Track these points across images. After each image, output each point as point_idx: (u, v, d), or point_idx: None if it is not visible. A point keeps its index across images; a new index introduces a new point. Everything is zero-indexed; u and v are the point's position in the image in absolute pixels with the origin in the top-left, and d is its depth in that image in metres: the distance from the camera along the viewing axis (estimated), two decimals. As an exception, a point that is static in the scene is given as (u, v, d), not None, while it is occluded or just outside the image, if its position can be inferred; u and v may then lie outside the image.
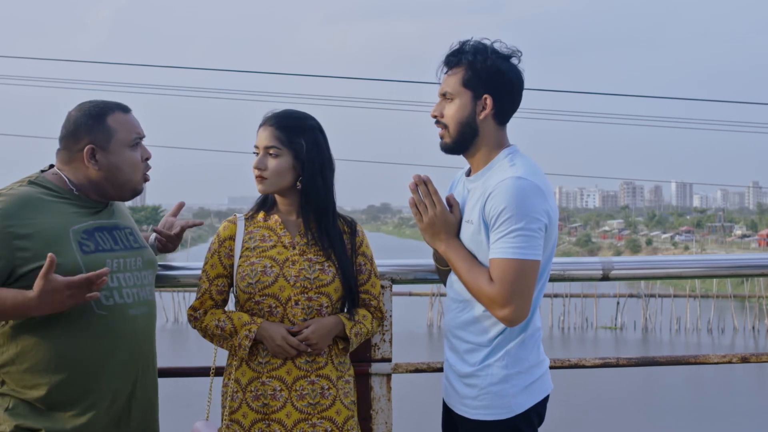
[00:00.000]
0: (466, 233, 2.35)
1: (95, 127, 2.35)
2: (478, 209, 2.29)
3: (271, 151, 2.45)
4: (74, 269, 2.23)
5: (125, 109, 2.43)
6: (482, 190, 2.31)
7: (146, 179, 2.46)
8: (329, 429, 2.41)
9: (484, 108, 2.32)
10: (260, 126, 2.50)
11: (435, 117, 2.38)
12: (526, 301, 2.22)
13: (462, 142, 2.36)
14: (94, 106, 2.39)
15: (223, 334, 2.45)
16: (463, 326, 2.39)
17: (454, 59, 2.35)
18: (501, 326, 2.31)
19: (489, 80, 2.30)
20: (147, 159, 2.44)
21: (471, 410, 2.34)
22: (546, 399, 2.38)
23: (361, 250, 2.56)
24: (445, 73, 2.37)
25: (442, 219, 2.35)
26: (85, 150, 2.34)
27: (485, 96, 2.31)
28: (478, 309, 2.34)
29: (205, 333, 2.50)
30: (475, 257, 2.32)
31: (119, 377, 2.33)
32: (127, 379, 2.36)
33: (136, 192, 2.44)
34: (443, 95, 2.37)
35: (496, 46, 2.34)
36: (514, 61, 2.34)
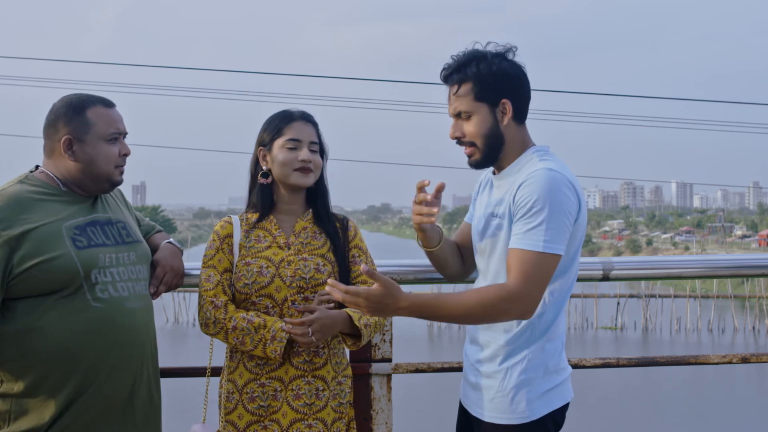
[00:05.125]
0: (491, 227, 2.31)
1: (74, 119, 2.34)
2: (507, 202, 2.25)
3: (313, 147, 2.52)
4: (70, 265, 2.24)
5: (108, 104, 2.41)
6: (511, 182, 2.27)
7: (120, 173, 2.43)
8: (322, 430, 2.41)
9: (504, 113, 2.27)
10: (296, 120, 2.52)
11: (456, 138, 2.32)
12: (539, 295, 2.16)
13: (492, 154, 2.30)
14: (76, 98, 2.38)
15: (250, 326, 2.38)
16: (482, 327, 2.34)
17: (457, 76, 2.28)
18: (521, 328, 2.25)
19: (501, 85, 2.26)
20: (125, 155, 2.42)
21: (486, 412, 2.29)
22: (565, 407, 2.32)
23: (355, 243, 2.57)
24: (454, 93, 2.29)
25: (375, 296, 2.09)
26: (62, 140, 2.34)
27: (503, 101, 2.26)
28: None
29: (226, 323, 2.40)
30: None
31: (120, 371, 2.30)
32: (129, 373, 2.33)
33: (114, 183, 2.43)
34: (457, 115, 2.31)
35: (491, 48, 2.29)
36: (510, 56, 2.30)
